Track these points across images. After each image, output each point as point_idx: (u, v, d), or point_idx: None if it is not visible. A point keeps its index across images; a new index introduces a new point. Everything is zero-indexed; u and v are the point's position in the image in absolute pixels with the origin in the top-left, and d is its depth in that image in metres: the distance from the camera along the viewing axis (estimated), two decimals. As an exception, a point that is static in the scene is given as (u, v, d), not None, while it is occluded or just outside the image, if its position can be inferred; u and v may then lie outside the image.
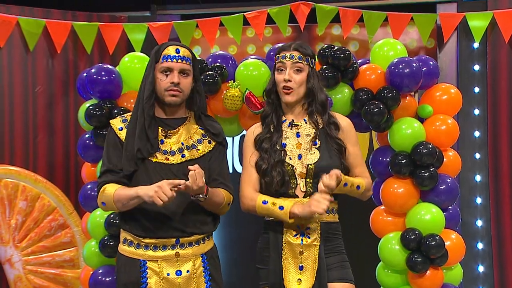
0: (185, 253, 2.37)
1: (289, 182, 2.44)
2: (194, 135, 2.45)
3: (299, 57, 2.46)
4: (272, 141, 2.48)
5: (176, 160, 2.38)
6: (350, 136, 2.53)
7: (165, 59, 2.37)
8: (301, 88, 2.47)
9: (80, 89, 3.57)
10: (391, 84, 3.27)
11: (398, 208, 3.31)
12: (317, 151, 2.45)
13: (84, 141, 3.49)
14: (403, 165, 3.23)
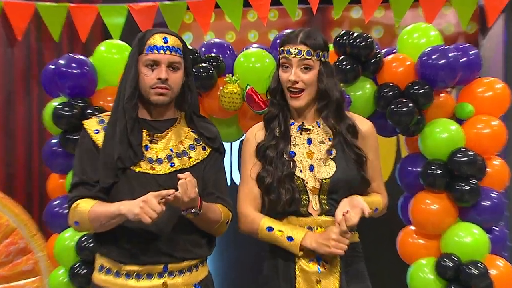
0: (175, 283, 2.38)
1: (299, 200, 2.45)
2: (186, 139, 2.47)
3: (307, 52, 2.44)
4: (279, 149, 2.48)
5: (163, 169, 2.40)
6: (371, 143, 2.54)
7: (150, 50, 2.38)
8: (311, 89, 2.47)
9: (45, 84, 3.60)
10: (423, 78, 3.30)
11: (431, 229, 3.33)
12: (332, 162, 2.46)
13: (51, 148, 3.52)
14: (438, 176, 3.26)
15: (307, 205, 2.46)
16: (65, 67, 3.42)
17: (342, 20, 4.50)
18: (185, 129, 2.50)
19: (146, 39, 2.40)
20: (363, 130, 2.54)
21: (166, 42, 2.39)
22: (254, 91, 3.38)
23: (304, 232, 2.43)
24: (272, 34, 4.62)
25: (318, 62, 2.46)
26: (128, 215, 2.25)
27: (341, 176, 2.44)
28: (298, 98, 2.47)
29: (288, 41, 2.47)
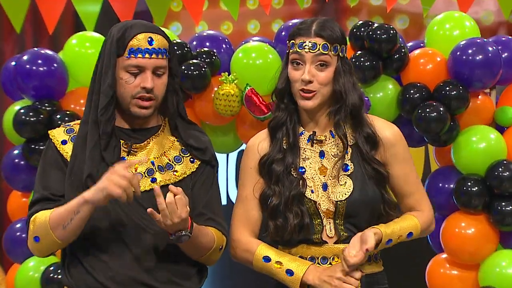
0: None
1: (310, 225, 2.44)
2: (170, 150, 2.47)
3: (323, 46, 2.40)
4: (286, 163, 2.46)
5: (144, 185, 2.39)
6: (399, 152, 2.51)
7: (133, 54, 2.35)
8: (326, 89, 2.44)
9: (5, 85, 3.63)
10: (456, 77, 3.32)
11: (467, 257, 3.34)
12: (349, 180, 2.44)
13: (12, 160, 3.54)
14: (474, 194, 3.27)
15: (321, 231, 2.45)
16: (29, 64, 3.44)
17: (360, 8, 4.53)
18: (170, 138, 2.50)
19: (127, 39, 2.36)
20: (388, 136, 2.50)
21: (152, 44, 2.38)
22: (254, 93, 3.40)
23: (306, 265, 2.42)
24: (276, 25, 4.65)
25: (336, 57, 2.43)
26: (93, 199, 2.25)
27: (360, 197, 2.43)
28: (310, 98, 2.43)
29: (299, 33, 2.44)
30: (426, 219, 2.53)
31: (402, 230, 2.45)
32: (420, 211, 2.53)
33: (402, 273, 2.64)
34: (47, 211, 2.35)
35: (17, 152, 3.52)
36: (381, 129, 2.50)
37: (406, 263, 3.29)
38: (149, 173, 2.42)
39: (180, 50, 3.41)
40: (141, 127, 2.46)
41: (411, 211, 2.53)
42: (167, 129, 2.52)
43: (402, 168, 2.50)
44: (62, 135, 2.46)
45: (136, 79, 2.37)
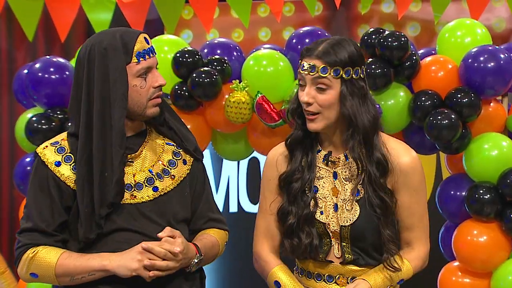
0: None
1: (319, 245, 2.45)
2: (164, 154, 2.47)
3: (322, 69, 2.37)
4: (304, 181, 2.47)
5: (146, 196, 2.39)
6: (409, 181, 2.45)
7: (142, 57, 2.36)
8: (330, 113, 2.40)
9: (18, 93, 3.65)
10: (468, 84, 3.31)
11: (479, 265, 3.33)
12: (356, 206, 2.42)
13: (24, 168, 3.56)
14: (486, 202, 3.26)
15: (328, 251, 2.46)
16: (42, 72, 3.46)
17: (371, 15, 4.53)
18: (159, 141, 2.49)
19: (132, 45, 2.35)
20: (403, 163, 2.44)
21: (149, 43, 2.40)
22: (265, 100, 3.40)
23: None
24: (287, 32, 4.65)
25: (338, 80, 2.38)
26: (116, 271, 2.27)
27: (364, 224, 2.42)
28: (313, 121, 2.42)
29: (304, 53, 2.43)
30: (420, 261, 2.50)
31: (393, 280, 2.44)
32: (416, 250, 2.49)
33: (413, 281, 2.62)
34: (52, 252, 2.33)
35: (29, 160, 3.54)
36: (398, 155, 2.45)
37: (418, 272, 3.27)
38: (149, 182, 2.41)
39: (191, 57, 3.43)
40: (133, 133, 2.44)
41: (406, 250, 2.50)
42: (153, 131, 2.51)
43: (410, 198, 2.46)
44: (53, 155, 2.40)
45: (146, 81, 2.38)
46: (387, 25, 4.46)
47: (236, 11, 4.13)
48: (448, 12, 4.10)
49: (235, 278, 4.32)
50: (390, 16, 4.52)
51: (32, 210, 2.38)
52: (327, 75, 2.37)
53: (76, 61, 2.42)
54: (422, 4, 4.47)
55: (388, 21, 4.50)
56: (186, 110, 3.48)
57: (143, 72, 2.37)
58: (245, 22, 4.07)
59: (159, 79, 2.38)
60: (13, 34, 4.43)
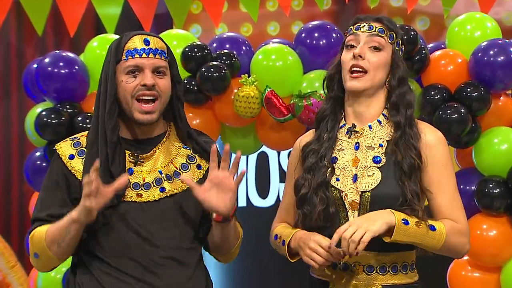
0: None
1: (335, 215, 2.43)
2: (177, 157, 2.46)
3: (380, 29, 2.44)
4: (320, 153, 2.47)
5: (152, 196, 2.39)
6: (437, 154, 2.44)
7: (130, 55, 2.36)
8: (377, 75, 2.43)
9: (27, 87, 3.66)
10: (478, 78, 3.30)
11: (489, 260, 3.33)
12: (378, 172, 2.41)
13: (34, 162, 3.57)
14: (496, 196, 3.25)
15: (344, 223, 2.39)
16: (51, 66, 3.46)
17: (380, 9, 4.52)
18: (176, 144, 2.48)
19: (123, 44, 2.38)
20: (430, 139, 2.46)
21: (148, 44, 2.38)
22: (274, 95, 3.40)
23: (292, 233, 2.46)
24: (296, 27, 4.65)
25: (391, 46, 2.46)
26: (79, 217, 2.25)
27: (386, 190, 2.39)
28: (359, 79, 2.42)
29: (359, 18, 2.50)
30: (456, 229, 2.39)
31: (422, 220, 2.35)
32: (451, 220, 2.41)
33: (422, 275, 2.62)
34: (43, 227, 2.36)
35: (39, 154, 3.55)
36: (425, 132, 2.47)
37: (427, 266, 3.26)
38: (158, 183, 2.41)
39: (200, 52, 3.43)
40: (147, 137, 2.44)
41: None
42: (173, 134, 2.50)
43: (439, 173, 2.43)
44: (69, 149, 2.44)
45: (136, 79, 2.36)
46: (396, 19, 4.45)
47: (245, 5, 4.13)
48: (458, 6, 4.08)
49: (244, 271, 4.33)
50: (399, 10, 4.51)
51: (42, 201, 2.42)
52: (384, 36, 2.45)
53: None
54: (431, -2, 4.46)
55: (397, 15, 4.49)
56: (195, 104, 3.49)
57: (131, 70, 2.36)
58: (254, 16, 4.07)
59: (145, 79, 2.34)
60: (23, 29, 4.44)
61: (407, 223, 2.31)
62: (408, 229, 2.32)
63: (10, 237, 4.35)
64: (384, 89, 2.48)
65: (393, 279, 2.43)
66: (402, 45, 2.51)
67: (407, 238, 2.33)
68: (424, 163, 2.42)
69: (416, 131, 2.45)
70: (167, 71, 2.41)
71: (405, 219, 2.31)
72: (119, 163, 2.37)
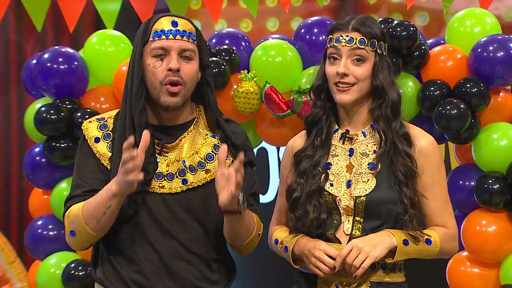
0: None
1: (329, 219, 2.44)
2: (203, 147, 2.43)
3: (360, 40, 2.41)
4: (314, 159, 2.48)
5: (174, 187, 2.37)
6: (431, 162, 2.46)
7: (157, 36, 2.34)
8: (363, 85, 2.44)
9: (27, 83, 3.65)
10: (477, 74, 3.29)
11: (488, 255, 3.32)
12: (373, 178, 2.42)
13: (33, 158, 3.56)
14: (495, 192, 3.24)
15: (337, 227, 2.44)
16: (50, 62, 3.46)
17: (380, 5, 4.51)
18: (203, 133, 2.45)
19: (151, 25, 2.36)
20: (423, 145, 2.47)
21: (176, 26, 2.35)
22: (274, 90, 3.39)
23: (296, 238, 2.47)
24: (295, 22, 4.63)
25: (373, 53, 2.43)
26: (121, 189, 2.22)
27: (380, 195, 2.41)
28: (346, 92, 2.43)
29: (337, 27, 2.46)
30: (448, 236, 2.48)
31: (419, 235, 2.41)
32: (442, 227, 2.48)
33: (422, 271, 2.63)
34: (79, 204, 2.33)
35: (38, 150, 3.54)
36: (417, 137, 2.49)
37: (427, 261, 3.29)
38: (181, 174, 2.38)
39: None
40: (173, 123, 2.42)
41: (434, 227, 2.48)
42: (202, 120, 2.48)
43: (433, 178, 2.46)
44: (95, 131, 2.42)
45: (163, 63, 2.34)
46: (396, 14, 4.44)
47: (244, 1, 4.13)
48: (457, 1, 4.08)
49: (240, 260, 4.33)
50: (398, 5, 4.51)
51: (74, 180, 2.41)
52: (365, 47, 2.42)
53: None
54: (430, -7, 4.45)
55: (396, 11, 4.48)
56: (194, 100, 3.48)
57: (158, 52, 2.34)
58: (253, 12, 4.07)
59: (172, 62, 2.32)
60: (22, 25, 4.44)
61: (407, 244, 2.40)
62: (409, 249, 2.41)
63: (10, 233, 4.35)
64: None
65: (381, 277, 2.45)
66: (386, 43, 2.47)
67: (407, 256, 2.43)
68: (419, 169, 2.44)
69: (408, 137, 2.46)
70: (195, 56, 2.38)
71: (406, 240, 2.39)
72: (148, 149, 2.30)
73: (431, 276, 3.58)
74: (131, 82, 2.37)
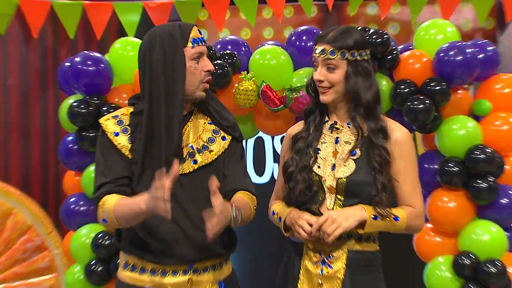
0: (200, 280, 2.39)
1: (315, 195, 2.46)
2: (204, 132, 2.45)
3: (331, 52, 2.42)
4: (307, 141, 2.51)
5: (187, 168, 2.38)
6: (404, 151, 2.47)
7: (196, 43, 2.36)
8: (339, 87, 2.45)
9: (61, 82, 3.63)
10: (440, 74, 3.28)
11: (448, 227, 3.33)
12: (352, 163, 2.44)
13: (67, 145, 3.54)
14: (455, 173, 3.25)
15: (321, 203, 2.45)
16: (81, 64, 3.44)
17: (358, 17, 4.49)
18: (201, 121, 2.47)
19: (187, 32, 2.36)
20: (398, 136, 2.48)
21: (201, 34, 2.41)
22: (269, 88, 3.38)
23: (288, 211, 2.49)
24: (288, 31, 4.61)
25: (344, 61, 2.43)
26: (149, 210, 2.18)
27: (358, 177, 2.42)
28: (325, 94, 2.47)
29: (317, 40, 2.48)
30: (414, 214, 2.48)
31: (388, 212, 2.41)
32: (410, 206, 2.48)
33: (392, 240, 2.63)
34: (113, 199, 2.29)
35: (71, 138, 3.53)
36: (393, 130, 2.49)
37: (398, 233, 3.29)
38: (191, 156, 2.40)
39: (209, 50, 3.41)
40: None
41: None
42: (198, 111, 2.49)
43: (404, 166, 2.47)
44: (113, 126, 2.41)
45: (198, 64, 2.37)
46: (372, 25, 4.42)
47: (244, 13, 4.12)
48: (423, 13, 4.08)
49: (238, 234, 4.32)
50: (374, 17, 4.49)
51: (100, 168, 2.39)
52: (335, 57, 2.42)
53: (139, 50, 2.39)
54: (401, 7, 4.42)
55: (372, 22, 4.46)
56: (202, 96, 3.47)
57: (197, 56, 2.36)
58: (252, 23, 4.06)
59: (209, 65, 2.37)
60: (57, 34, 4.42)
61: (376, 219, 2.40)
62: (377, 223, 2.40)
63: (48, 208, 4.34)
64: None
65: (357, 246, 2.46)
66: (360, 50, 2.45)
67: (376, 229, 2.43)
68: (393, 158, 2.45)
69: (384, 131, 2.46)
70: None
71: (375, 215, 2.39)
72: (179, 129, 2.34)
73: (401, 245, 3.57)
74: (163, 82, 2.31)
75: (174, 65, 2.32)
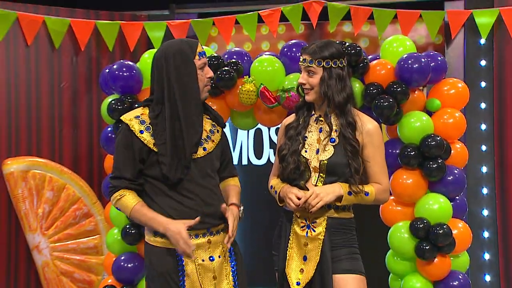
0: (216, 240, 2.39)
1: (303, 173, 2.44)
2: (206, 126, 2.44)
3: (309, 61, 2.42)
4: (297, 130, 2.49)
5: (200, 154, 2.38)
6: (373, 140, 2.45)
7: (202, 56, 2.36)
8: (317, 89, 2.45)
9: (102, 85, 3.59)
10: (401, 79, 3.23)
11: (407, 198, 3.29)
12: (332, 148, 2.42)
13: (107, 134, 3.50)
14: (412, 157, 3.20)
15: (307, 179, 2.44)
16: (118, 71, 3.39)
17: (336, 33, 4.45)
18: (204, 117, 2.45)
19: (194, 48, 2.35)
20: (369, 128, 2.45)
21: (203, 48, 2.41)
22: (266, 89, 3.33)
23: (282, 185, 2.47)
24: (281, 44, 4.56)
25: (321, 68, 2.41)
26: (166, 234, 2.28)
27: (335, 160, 2.41)
28: (307, 94, 2.47)
29: (301, 51, 2.47)
30: (381, 189, 2.47)
31: (360, 189, 2.40)
32: (378, 183, 2.47)
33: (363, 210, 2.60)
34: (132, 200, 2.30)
35: (110, 129, 3.50)
36: (365, 122, 2.47)
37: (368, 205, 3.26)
38: (201, 144, 2.38)
39: (216, 61, 3.38)
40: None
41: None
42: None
43: (373, 151, 2.45)
44: (137, 125, 2.33)
45: (203, 72, 2.37)
46: (347, 39, 4.37)
47: (247, 30, 4.11)
48: (387, 31, 4.05)
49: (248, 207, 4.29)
50: (349, 33, 4.44)
51: (120, 162, 2.34)
52: (313, 65, 2.41)
53: (154, 63, 2.34)
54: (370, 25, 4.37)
55: (347, 37, 4.42)
56: (212, 96, 3.42)
57: (202, 66, 2.35)
58: (252, 37, 4.07)
59: (210, 72, 2.37)
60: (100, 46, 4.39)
61: (350, 194, 2.39)
62: (351, 198, 2.40)
63: (92, 183, 4.31)
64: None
65: (335, 214, 2.44)
66: (335, 59, 2.41)
67: (350, 202, 2.43)
68: (365, 145, 2.43)
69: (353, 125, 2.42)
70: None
71: (350, 192, 2.39)
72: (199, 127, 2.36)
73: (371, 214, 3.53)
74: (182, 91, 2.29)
75: (188, 74, 2.31)
